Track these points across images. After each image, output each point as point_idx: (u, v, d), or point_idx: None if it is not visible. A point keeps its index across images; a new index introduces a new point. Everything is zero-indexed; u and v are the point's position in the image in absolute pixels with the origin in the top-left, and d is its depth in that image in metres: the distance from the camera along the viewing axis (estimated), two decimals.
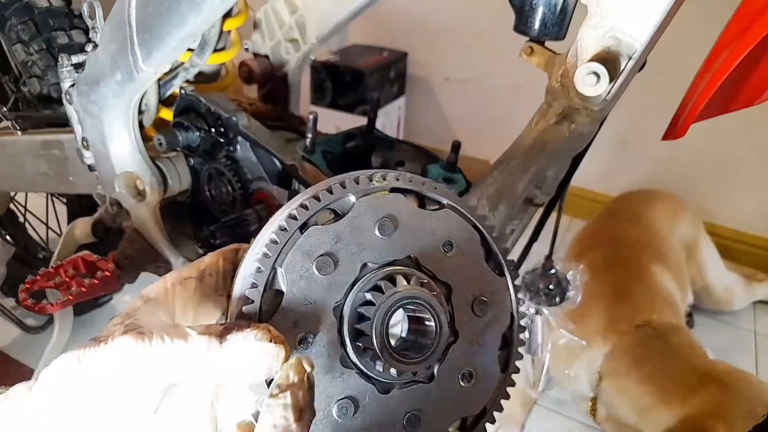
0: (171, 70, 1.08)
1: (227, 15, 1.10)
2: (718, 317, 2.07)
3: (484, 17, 2.49)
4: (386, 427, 0.57)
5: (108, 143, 1.05)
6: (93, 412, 0.48)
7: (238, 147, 1.08)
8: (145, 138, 1.09)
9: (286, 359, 0.51)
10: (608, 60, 0.68)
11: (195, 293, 0.58)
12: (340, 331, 0.57)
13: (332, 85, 2.55)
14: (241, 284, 0.57)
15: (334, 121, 2.57)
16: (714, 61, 0.69)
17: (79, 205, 1.48)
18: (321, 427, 0.55)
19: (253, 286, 0.56)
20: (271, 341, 0.50)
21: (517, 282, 0.64)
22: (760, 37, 0.64)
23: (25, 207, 1.80)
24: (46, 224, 1.80)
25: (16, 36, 1.37)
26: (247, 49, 1.33)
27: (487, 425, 0.65)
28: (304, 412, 0.50)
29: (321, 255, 0.57)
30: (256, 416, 0.52)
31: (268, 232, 0.57)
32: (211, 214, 1.16)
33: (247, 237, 0.68)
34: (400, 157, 1.12)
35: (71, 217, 1.58)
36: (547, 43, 0.74)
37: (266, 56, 1.33)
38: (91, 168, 1.11)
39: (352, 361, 0.57)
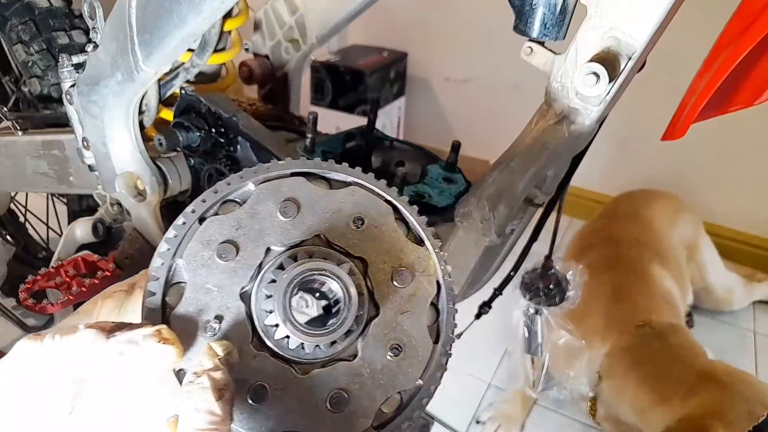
0: (171, 71, 1.08)
1: (227, 15, 1.10)
2: (717, 317, 2.07)
3: (483, 18, 2.50)
4: (308, 409, 0.56)
5: (108, 143, 1.05)
6: (12, 417, 0.50)
7: (239, 147, 1.08)
8: (146, 138, 1.09)
9: (181, 355, 0.53)
10: (608, 60, 0.69)
11: (122, 304, 0.60)
12: (249, 315, 0.57)
13: (332, 86, 2.55)
14: (147, 280, 0.58)
15: (334, 122, 2.57)
16: (713, 61, 0.69)
17: (80, 205, 1.48)
18: (237, 412, 0.55)
19: (155, 279, 0.57)
20: (160, 341, 0.52)
21: (441, 252, 0.63)
22: (760, 37, 0.64)
23: (25, 207, 1.80)
24: (47, 224, 1.80)
25: (16, 36, 1.37)
26: (247, 50, 1.34)
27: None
28: (224, 390, 0.51)
29: (222, 243, 0.58)
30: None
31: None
32: None
33: None
34: (400, 157, 1.12)
35: (71, 217, 1.58)
36: (547, 44, 0.74)
37: (266, 56, 1.34)
38: (91, 168, 1.11)
39: (264, 344, 0.57)
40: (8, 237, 1.83)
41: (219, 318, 0.57)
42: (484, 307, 1.00)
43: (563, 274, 1.01)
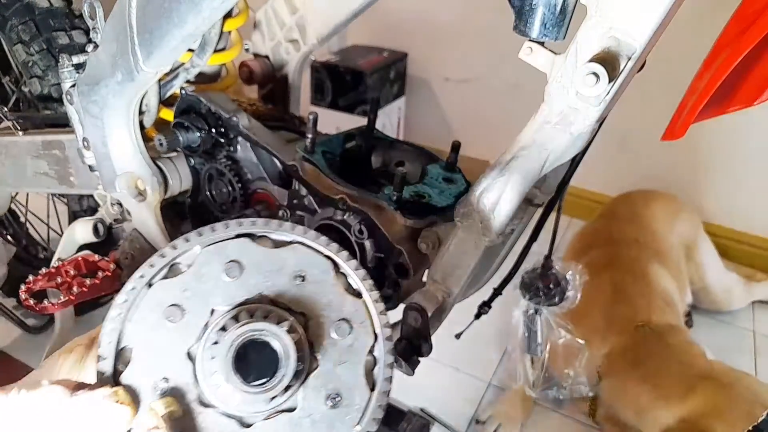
0: (171, 71, 1.08)
1: (227, 15, 1.10)
2: (717, 317, 2.07)
3: (483, 18, 2.50)
4: None
5: (109, 143, 1.05)
6: None
7: (239, 147, 1.08)
8: (146, 138, 1.09)
9: (134, 416, 0.57)
10: (607, 60, 0.69)
11: (83, 358, 0.63)
12: (195, 374, 0.61)
13: (332, 86, 2.56)
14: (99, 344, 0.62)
15: (334, 122, 2.57)
16: (713, 61, 0.69)
17: (80, 205, 1.48)
18: None
19: (106, 343, 0.61)
20: (116, 402, 0.56)
21: (379, 303, 0.67)
22: (760, 37, 0.64)
23: (26, 207, 1.80)
24: (47, 224, 1.81)
25: (16, 36, 1.38)
26: (247, 50, 1.34)
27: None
28: None
29: (169, 306, 0.62)
30: None
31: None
32: (211, 213, 1.16)
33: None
34: (400, 157, 1.13)
35: (72, 217, 1.58)
36: (547, 44, 0.74)
37: (266, 57, 1.34)
38: (91, 168, 1.12)
39: (208, 401, 0.60)
40: (9, 237, 1.83)
41: (166, 379, 0.61)
42: (484, 307, 1.00)
43: (563, 274, 1.01)
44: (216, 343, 0.60)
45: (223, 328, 0.60)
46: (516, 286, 1.01)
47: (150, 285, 0.64)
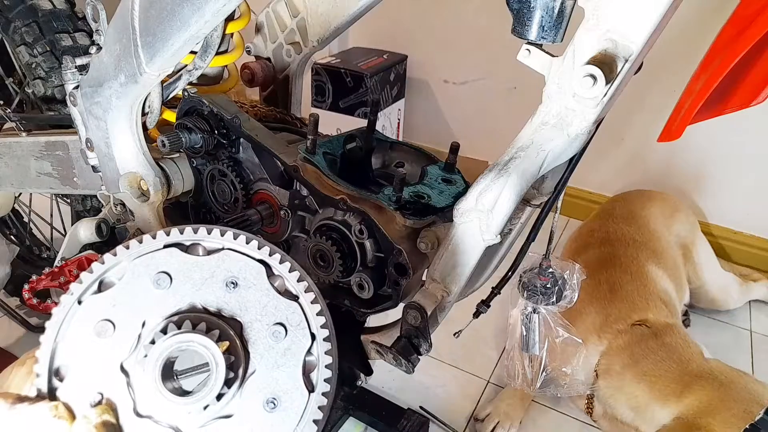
0: (174, 73, 1.09)
1: (229, 18, 1.11)
2: (714, 316, 2.08)
3: (482, 21, 2.51)
4: None
5: (112, 144, 1.06)
6: None
7: (241, 148, 1.09)
8: (149, 139, 1.10)
9: (72, 426, 0.59)
10: (605, 62, 0.70)
11: (33, 371, 0.64)
12: (129, 384, 0.62)
13: (333, 88, 2.56)
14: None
15: (335, 123, 2.58)
16: (710, 62, 0.70)
17: (83, 205, 1.49)
18: None
19: (41, 362, 0.62)
20: (55, 416, 0.58)
21: (315, 304, 0.66)
22: (757, 39, 0.65)
23: (29, 207, 1.81)
24: (51, 224, 1.81)
25: (20, 38, 1.39)
26: (249, 52, 1.35)
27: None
28: None
29: (100, 321, 0.63)
30: None
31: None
32: (213, 214, 1.17)
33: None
34: (399, 158, 1.14)
35: (75, 218, 1.59)
36: (545, 46, 0.75)
37: (268, 59, 1.34)
38: (95, 169, 1.12)
39: (143, 412, 0.61)
40: (12, 237, 1.84)
41: (101, 392, 0.62)
42: (483, 306, 1.01)
43: (561, 273, 1.02)
44: (146, 356, 0.61)
45: (152, 342, 0.61)
46: (514, 285, 1.01)
47: (80, 302, 0.64)
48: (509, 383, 1.67)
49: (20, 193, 1.72)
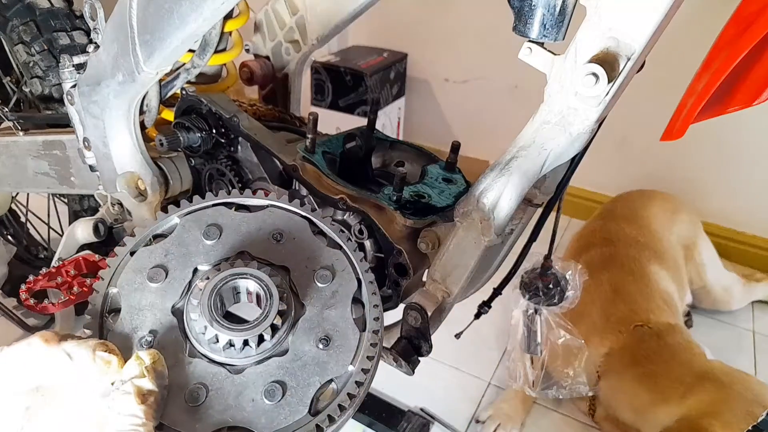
0: (172, 71, 1.09)
1: (228, 16, 1.10)
2: (716, 317, 2.07)
3: (483, 19, 2.50)
4: (245, 403, 0.62)
5: (109, 143, 1.05)
6: None
7: (239, 147, 1.09)
8: (147, 138, 1.09)
9: (122, 366, 0.59)
10: (607, 61, 0.69)
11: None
12: (182, 328, 0.64)
13: (332, 86, 2.56)
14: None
15: (334, 122, 2.58)
16: (712, 61, 0.70)
17: (81, 205, 1.49)
18: (177, 412, 0.60)
19: (92, 305, 0.65)
20: (105, 351, 0.58)
21: (357, 252, 0.71)
22: (759, 38, 0.65)
23: (26, 207, 1.80)
24: (48, 224, 1.81)
25: (17, 37, 1.38)
26: (248, 51, 1.34)
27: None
28: (148, 395, 0.57)
29: (152, 268, 0.66)
30: None
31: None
32: None
33: None
34: (399, 158, 1.13)
35: (72, 217, 1.58)
36: (546, 44, 0.75)
37: (267, 57, 1.34)
38: (92, 168, 1.12)
39: (198, 351, 0.63)
40: (9, 237, 1.83)
41: (153, 333, 0.64)
42: (484, 307, 1.00)
43: (562, 273, 1.01)
44: (201, 290, 0.62)
45: (207, 278, 0.63)
46: (516, 285, 1.01)
47: (132, 253, 0.68)
48: (511, 385, 1.67)
49: (17, 193, 1.71)
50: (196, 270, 0.67)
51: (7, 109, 1.37)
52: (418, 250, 0.94)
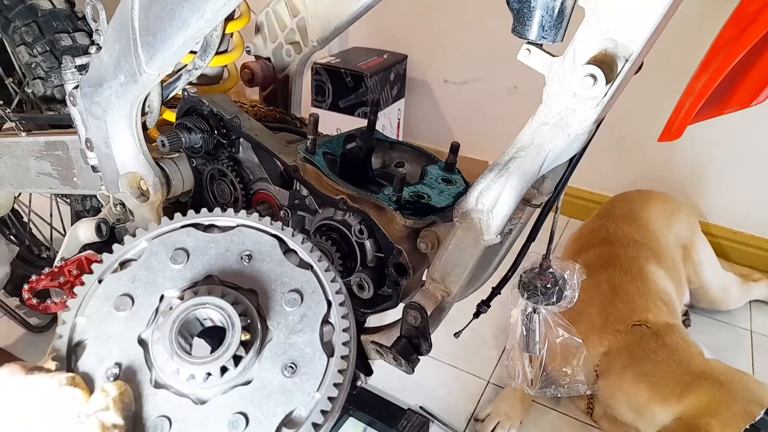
0: (174, 73, 1.09)
1: (229, 18, 1.11)
2: (714, 316, 2.08)
3: (482, 20, 2.51)
4: None
5: (111, 144, 1.06)
6: None
7: (240, 148, 1.09)
8: (149, 139, 1.10)
9: (88, 398, 0.59)
10: (605, 62, 0.70)
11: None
12: (147, 357, 0.63)
13: (333, 87, 2.56)
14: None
15: (334, 123, 2.58)
16: (710, 62, 0.70)
17: (83, 205, 1.49)
18: None
19: (59, 337, 0.64)
20: (71, 385, 0.58)
21: (329, 272, 0.69)
22: (757, 38, 0.65)
23: (29, 207, 1.81)
24: (50, 224, 1.81)
25: (19, 38, 1.38)
26: (248, 52, 1.35)
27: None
28: (112, 429, 0.56)
29: (119, 296, 0.65)
30: None
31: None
32: None
33: None
34: (399, 158, 1.13)
35: (75, 217, 1.59)
36: (545, 46, 0.75)
37: (268, 59, 1.34)
38: (94, 169, 1.12)
39: (162, 382, 0.62)
40: (12, 237, 1.84)
41: (118, 364, 0.62)
42: (483, 306, 1.01)
43: (561, 273, 1.02)
44: (163, 321, 0.62)
45: (170, 308, 0.63)
46: (514, 285, 1.01)
47: (101, 281, 0.66)
48: (509, 383, 1.67)
49: (20, 193, 1.72)
50: (162, 297, 0.66)
51: (9, 110, 1.38)
52: (417, 250, 0.95)
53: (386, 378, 1.68)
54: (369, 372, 1.09)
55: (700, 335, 1.89)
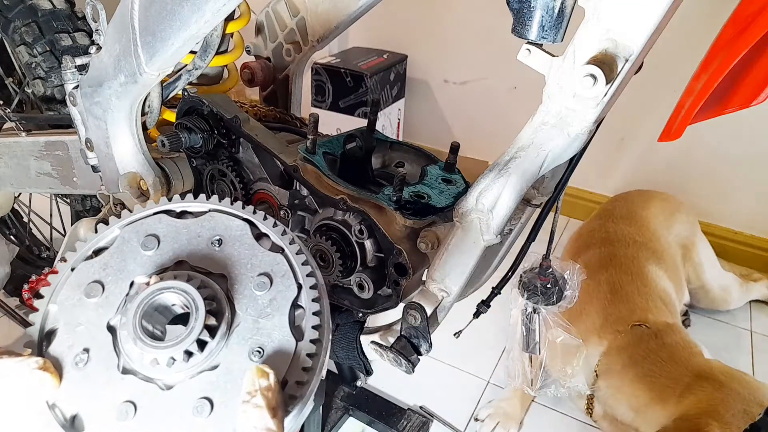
0: (174, 73, 1.09)
1: (229, 18, 1.11)
2: (714, 316, 2.08)
3: (482, 20, 2.51)
4: (174, 419, 0.60)
5: (111, 144, 1.06)
6: None
7: (240, 148, 1.09)
8: (149, 139, 1.10)
9: (57, 386, 0.59)
10: (605, 62, 0.70)
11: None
12: (114, 343, 0.62)
13: (333, 87, 2.56)
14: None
15: (334, 123, 2.58)
16: (710, 62, 0.70)
17: (83, 205, 1.49)
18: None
19: (32, 324, 0.64)
20: (41, 369, 0.58)
21: (300, 255, 0.68)
22: (757, 38, 0.65)
23: (29, 207, 1.81)
24: (50, 224, 1.81)
25: (19, 38, 1.39)
26: (248, 52, 1.35)
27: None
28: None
29: (90, 283, 0.65)
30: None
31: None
32: None
33: None
34: (399, 158, 1.13)
35: (75, 217, 1.59)
36: (545, 46, 0.75)
37: (268, 59, 1.34)
38: (94, 169, 1.12)
39: (129, 367, 0.61)
40: (12, 237, 1.84)
41: (86, 350, 0.62)
42: (483, 306, 1.01)
43: (561, 273, 1.02)
44: (128, 308, 0.62)
45: (136, 293, 0.62)
46: (514, 285, 1.01)
47: (73, 269, 0.67)
48: (510, 383, 1.68)
49: (20, 193, 1.72)
50: (132, 283, 0.66)
51: (9, 110, 1.38)
52: (417, 250, 0.95)
53: (386, 378, 1.68)
54: (369, 372, 1.09)
55: (700, 335, 1.89)
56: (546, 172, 0.82)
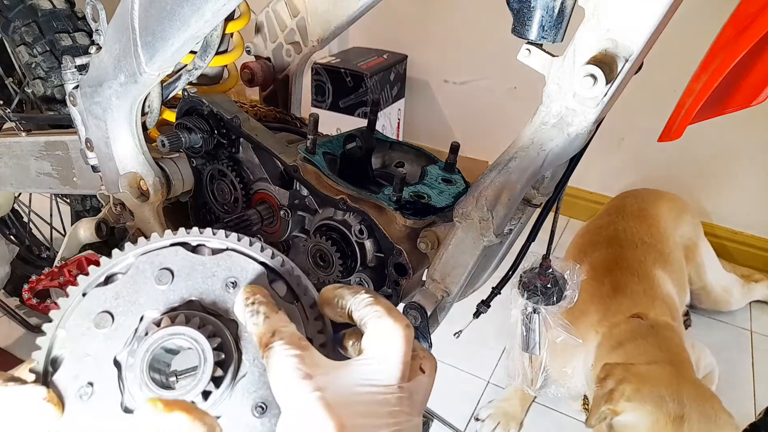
0: (174, 73, 1.09)
1: (229, 18, 1.11)
2: (715, 317, 2.08)
3: (482, 20, 2.51)
4: None
5: (111, 144, 1.06)
6: None
7: (240, 148, 1.09)
8: (149, 139, 1.10)
9: (59, 418, 0.57)
10: (605, 62, 0.70)
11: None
12: (119, 379, 0.61)
13: (333, 87, 2.56)
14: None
15: (335, 123, 2.58)
16: (710, 62, 0.70)
17: (83, 205, 1.49)
18: None
19: (38, 348, 0.61)
20: (45, 400, 0.57)
21: (314, 308, 0.65)
22: (758, 38, 0.65)
23: (29, 207, 1.81)
24: (50, 224, 1.81)
25: (19, 38, 1.39)
26: (248, 52, 1.34)
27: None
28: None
29: (100, 312, 0.62)
30: None
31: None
32: (213, 214, 1.17)
33: (249, 236, 0.72)
34: (399, 158, 1.13)
35: (75, 217, 1.59)
36: (545, 46, 0.75)
37: (268, 59, 1.34)
38: (94, 169, 1.12)
39: (131, 407, 0.60)
40: (12, 237, 1.84)
41: (91, 384, 0.60)
42: (483, 306, 1.01)
43: (561, 273, 1.02)
44: (136, 347, 0.60)
45: (146, 334, 0.61)
46: (514, 285, 1.01)
47: (85, 294, 0.64)
48: (510, 383, 1.68)
49: (20, 193, 1.72)
50: (143, 318, 0.64)
51: (9, 110, 1.38)
52: (417, 250, 0.95)
53: None
54: None
55: (701, 335, 1.89)
56: (546, 171, 0.82)
